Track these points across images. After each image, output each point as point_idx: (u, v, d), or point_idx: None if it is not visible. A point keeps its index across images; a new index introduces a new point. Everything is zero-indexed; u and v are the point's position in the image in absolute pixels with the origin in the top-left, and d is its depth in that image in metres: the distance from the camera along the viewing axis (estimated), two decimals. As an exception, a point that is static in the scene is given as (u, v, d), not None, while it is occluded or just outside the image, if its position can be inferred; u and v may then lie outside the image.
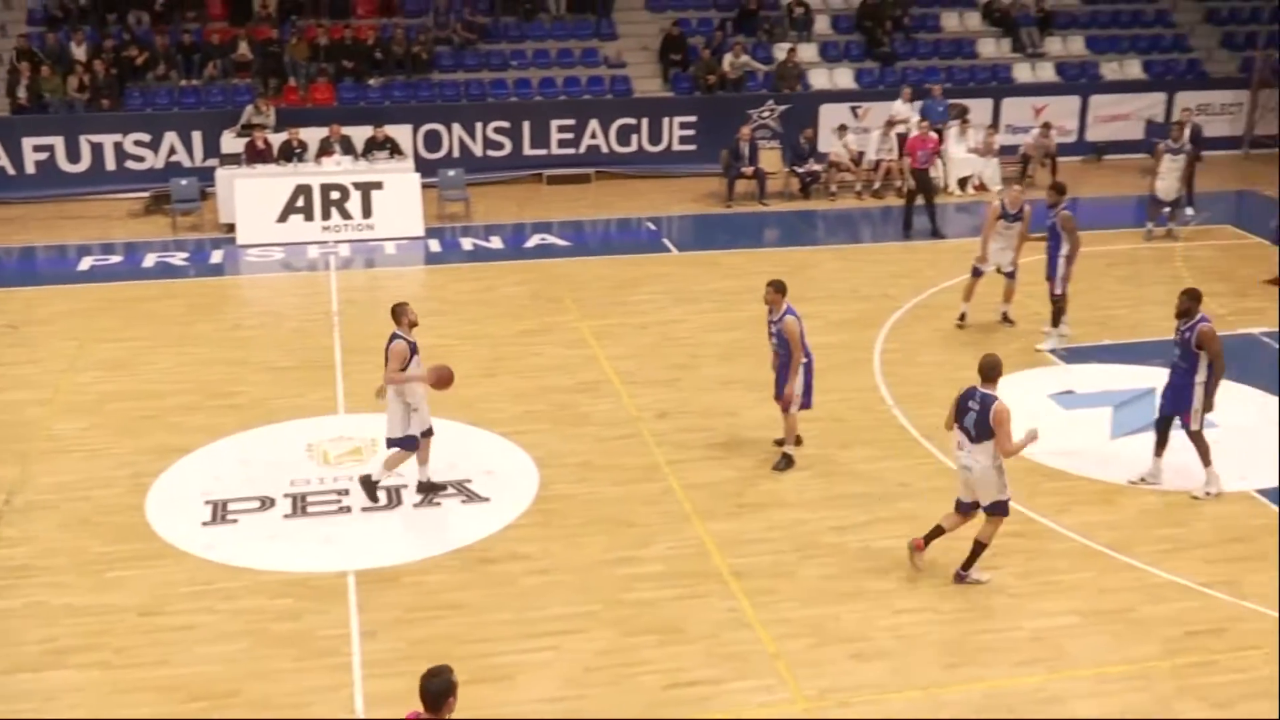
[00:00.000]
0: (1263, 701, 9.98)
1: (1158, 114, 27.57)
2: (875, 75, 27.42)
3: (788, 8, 27.98)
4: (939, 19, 28.87)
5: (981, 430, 11.23)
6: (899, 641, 10.71)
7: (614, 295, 19.07)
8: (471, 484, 13.19)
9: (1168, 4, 30.18)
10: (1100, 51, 28.75)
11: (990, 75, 27.79)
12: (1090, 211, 24.00)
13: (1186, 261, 20.65)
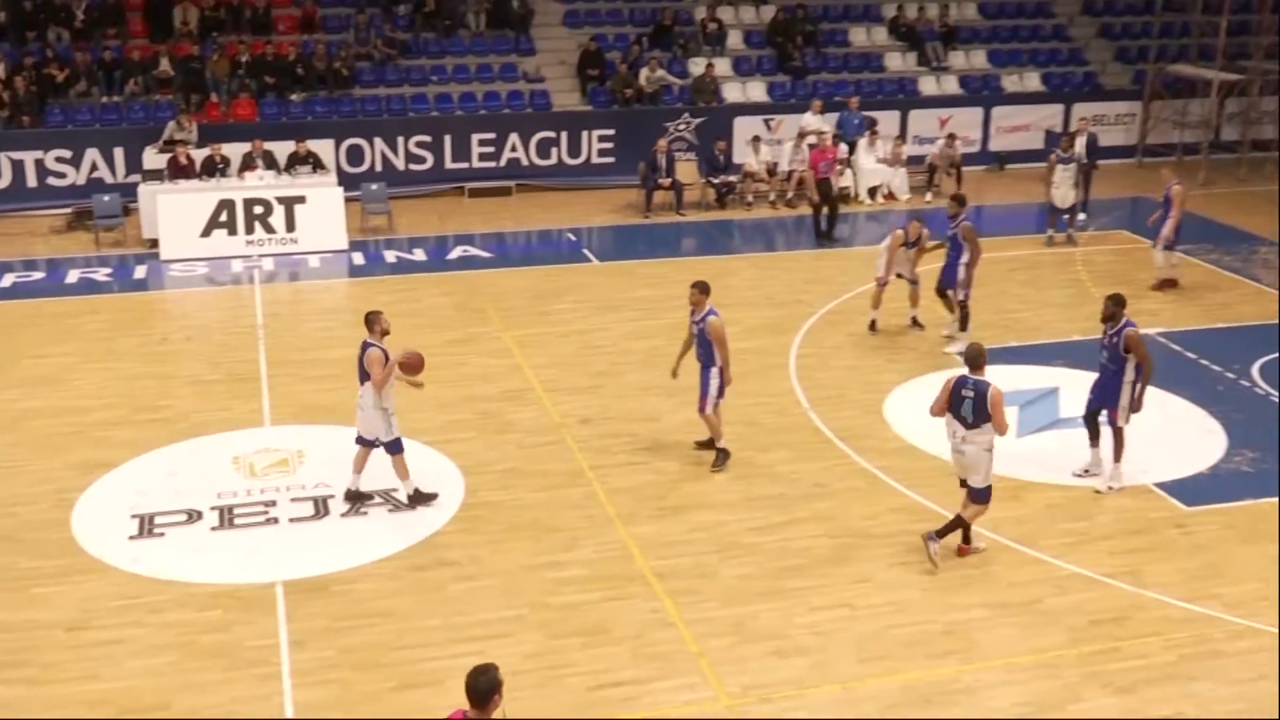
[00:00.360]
0: (1163, 686, 10.18)
1: (1056, 124, 28.01)
2: (787, 88, 27.62)
3: (701, 23, 28.11)
4: (847, 34, 29.15)
5: (980, 415, 11.55)
6: (817, 638, 10.79)
7: (536, 305, 19.03)
8: (398, 493, 13.07)
9: (1064, 19, 30.71)
10: (1001, 65, 29.17)
11: (897, 88, 28.10)
12: (993, 219, 24.35)
13: (1085, 266, 21.01)
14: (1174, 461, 13.97)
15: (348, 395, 15.50)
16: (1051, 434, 14.64)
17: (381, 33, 26.46)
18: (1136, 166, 27.84)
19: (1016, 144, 28.03)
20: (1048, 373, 16.15)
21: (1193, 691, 10.14)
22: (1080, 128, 24.00)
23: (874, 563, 11.95)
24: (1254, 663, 10.53)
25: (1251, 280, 20.34)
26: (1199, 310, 18.67)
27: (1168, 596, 11.44)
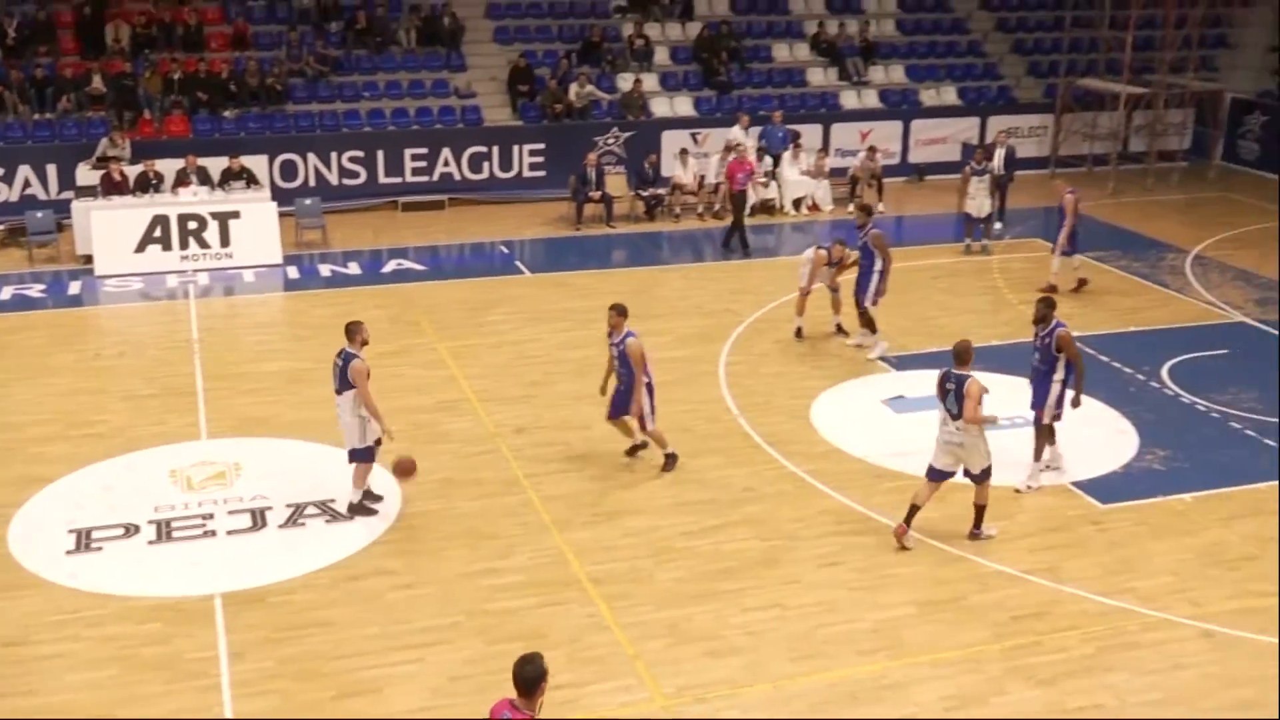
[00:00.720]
0: (1082, 678, 10.33)
1: (972, 137, 28.35)
2: (713, 103, 27.73)
3: (629, 40, 28.16)
4: (771, 50, 29.32)
5: (961, 405, 11.84)
6: (749, 638, 10.83)
7: (470, 317, 18.95)
8: (335, 503, 12.96)
9: (979, 35, 31.11)
10: (919, 80, 29.49)
11: (819, 102, 28.31)
12: (913, 229, 24.66)
13: (1002, 273, 21.28)
14: (1089, 461, 14.18)
15: (284, 408, 15.46)
16: (972, 436, 14.78)
17: (314, 49, 26.23)
18: (1049, 177, 28.24)
19: (935, 156, 28.34)
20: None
21: (1110, 682, 10.30)
22: (999, 140, 24.33)
23: (803, 564, 12.02)
24: (1167, 653, 10.72)
25: (1159, 286, 20.70)
26: (1110, 315, 18.99)
27: (1085, 591, 11.61)
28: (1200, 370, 16.89)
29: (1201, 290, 20.45)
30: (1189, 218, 25.12)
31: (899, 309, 18.00)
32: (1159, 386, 16.38)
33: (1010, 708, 10.00)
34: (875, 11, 30.57)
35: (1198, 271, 21.50)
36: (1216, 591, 11.63)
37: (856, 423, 15.20)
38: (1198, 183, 28.10)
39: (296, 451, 14.27)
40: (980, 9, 31.70)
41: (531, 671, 7.12)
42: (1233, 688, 10.26)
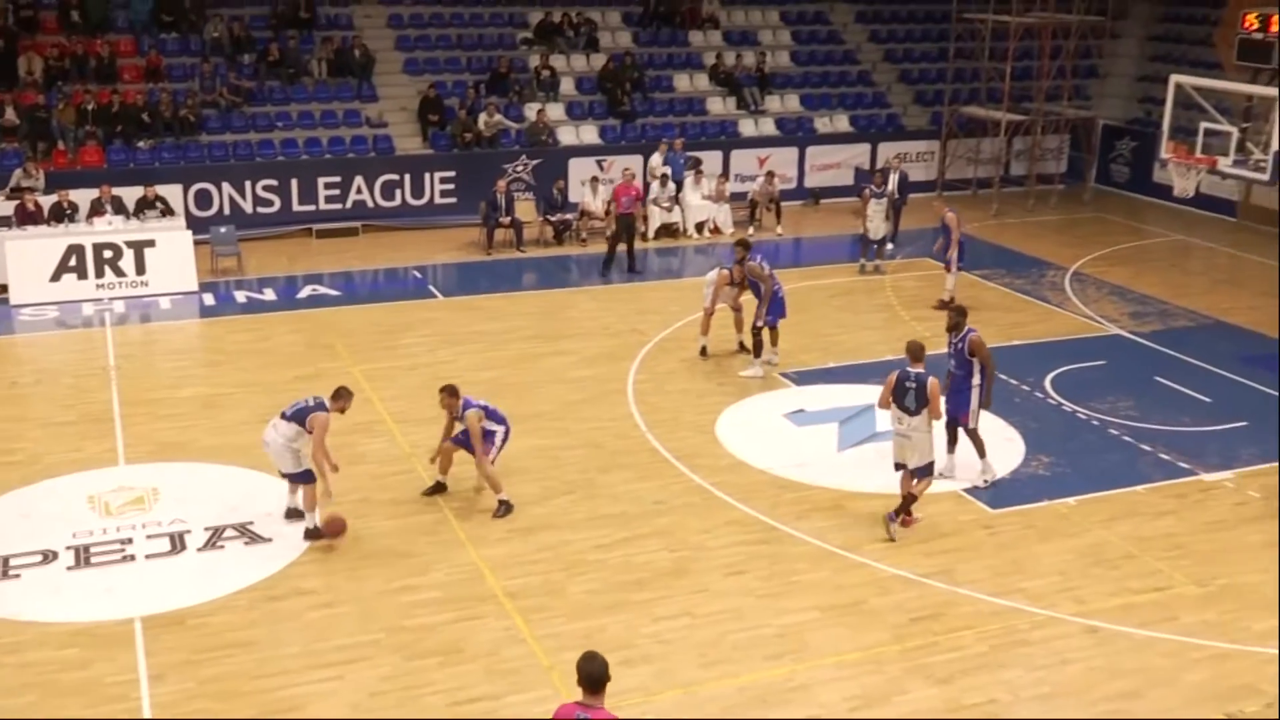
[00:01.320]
0: (977, 675, 10.46)
1: (864, 162, 28.74)
2: (617, 131, 27.80)
3: (535, 71, 28.14)
4: (672, 80, 29.48)
5: (921, 402, 12.41)
6: (660, 646, 10.82)
7: (384, 340, 18.76)
8: (254, 525, 12.73)
9: (868, 66, 31.56)
10: (813, 108, 29.82)
11: (719, 130, 28.51)
12: (810, 249, 24.90)
13: (895, 291, 21.57)
14: (979, 468, 14.38)
15: (201, 433, 15.17)
16: (870, 446, 14.95)
17: (227, 81, 25.85)
18: (936, 199, 28.66)
19: (829, 180, 28.68)
20: (864, 390, 16.48)
21: (1004, 679, 10.45)
22: (893, 165, 24.67)
23: (711, 573, 12.04)
24: (1056, 649, 10.91)
25: (1041, 301, 21.12)
26: (995, 329, 19.26)
27: (978, 592, 11.77)
28: (1080, 380, 17.25)
29: (1080, 305, 20.91)
30: (1067, 237, 25.68)
31: (797, 326, 18.15)
32: (1043, 396, 16.69)
33: (911, 706, 10.10)
34: (770, 44, 30.90)
35: (1076, 287, 21.98)
36: (1099, 589, 11.87)
37: (759, 436, 15.29)
38: (1074, 204, 28.75)
39: (214, 475, 13.99)
40: (869, 41, 32.19)
41: (598, 668, 6.99)
42: (1116, 680, 10.47)
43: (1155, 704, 10.15)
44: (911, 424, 12.54)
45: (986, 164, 29.14)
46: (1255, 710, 10.09)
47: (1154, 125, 26.08)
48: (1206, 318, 20.36)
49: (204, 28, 26.82)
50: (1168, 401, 16.55)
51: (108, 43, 25.91)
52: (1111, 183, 30.11)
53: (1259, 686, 10.39)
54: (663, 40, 30.26)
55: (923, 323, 19.37)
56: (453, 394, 13.11)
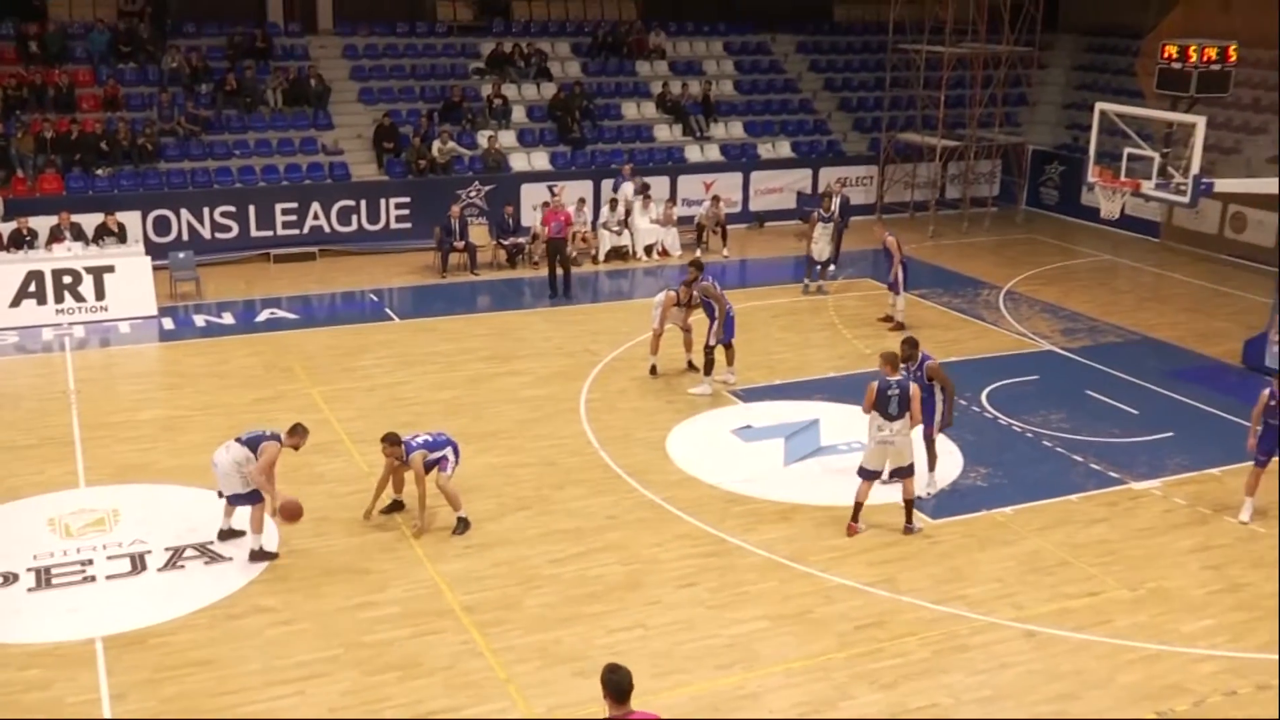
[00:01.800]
0: (920, 680, 10.51)
1: (806, 187, 28.91)
2: (568, 157, 27.81)
3: (488, 100, 28.10)
4: (620, 108, 29.56)
5: (903, 407, 12.70)
6: (615, 657, 10.61)
7: (342, 362, 18.62)
8: (213, 545, 12.57)
9: (809, 95, 31.79)
10: (756, 135, 29.99)
11: (666, 156, 28.59)
12: (755, 271, 25.01)
13: (837, 311, 21.68)
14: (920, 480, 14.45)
15: (161, 454, 14.97)
16: (815, 460, 15.02)
17: (185, 110, 25.62)
18: (876, 222, 28.92)
19: (773, 204, 28.82)
20: (809, 406, 16.58)
21: (946, 683, 10.50)
22: (835, 190, 24.85)
23: (663, 586, 12.03)
24: (996, 653, 10.98)
25: (976, 319, 21.32)
26: (933, 346, 19.21)
27: (920, 600, 11.84)
28: (1015, 395, 17.42)
29: (1013, 322, 21.13)
30: (1000, 257, 25.96)
31: (744, 345, 18.18)
32: (979, 410, 16.83)
33: (857, 710, 10.12)
34: (715, 73, 31.07)
35: (1009, 305, 22.22)
36: (1036, 595, 11.97)
37: (708, 452, 15.31)
38: (1006, 226, 29.08)
39: (174, 496, 13.81)
40: (809, 71, 32.45)
41: (623, 678, 7.11)
42: (1053, 682, 10.56)
43: (1091, 705, 10.24)
44: (894, 429, 12.76)
45: (923, 188, 29.42)
46: (1185, 709, 10.21)
47: (1081, 150, 26.46)
48: (1133, 333, 20.64)
49: (162, 58, 26.58)
50: (1098, 414, 16.75)
51: (66, 73, 25.63)
52: (1041, 205, 30.49)
53: (1188, 686, 10.51)
54: (611, 70, 30.34)
55: (864, 340, 19.52)
56: (394, 442, 12.94)
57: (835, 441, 15.45)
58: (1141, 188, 17.93)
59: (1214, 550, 12.96)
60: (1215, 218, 26.06)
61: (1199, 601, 11.93)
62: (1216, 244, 26.09)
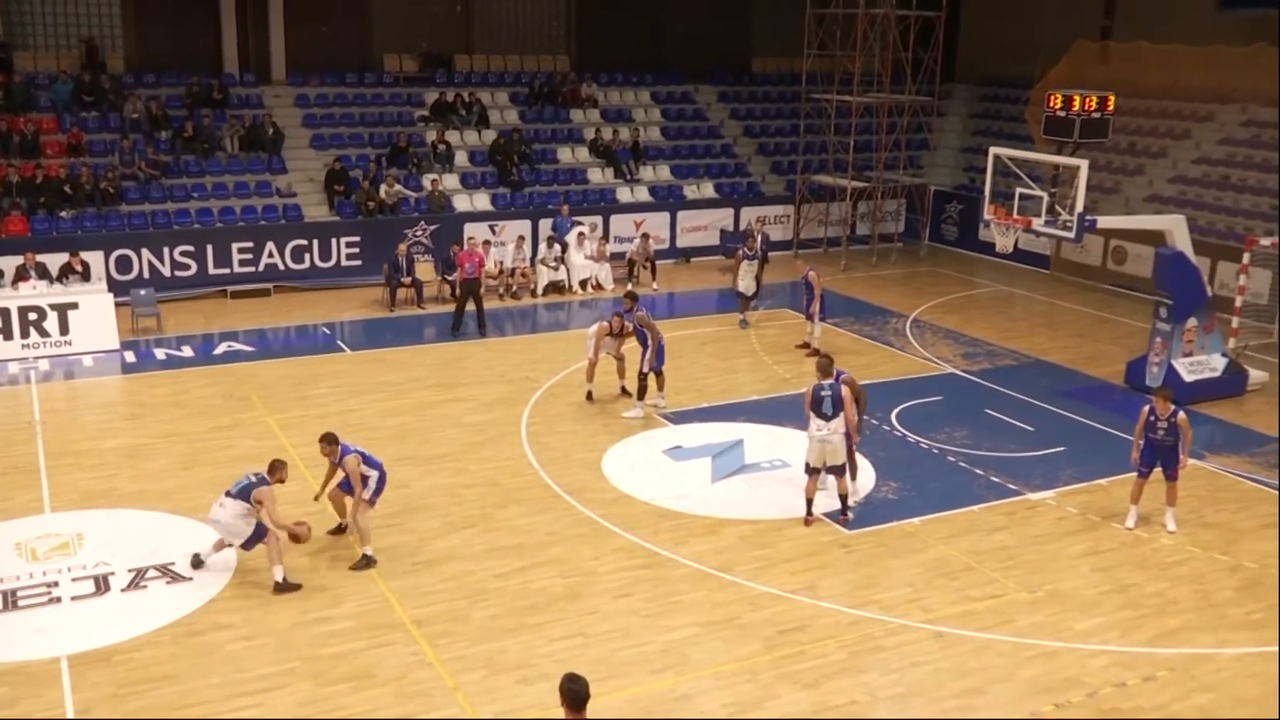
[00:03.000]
0: (839, 679, 10.56)
1: (728, 225, 29.12)
2: (508, 199, 27.77)
3: (432, 145, 28.00)
4: (556, 153, 29.59)
5: (837, 407, 13.35)
6: (556, 664, 10.71)
7: (296, 391, 18.38)
8: (175, 566, 12.33)
9: (730, 140, 32.05)
10: (682, 177, 30.18)
11: (599, 197, 28.65)
12: (682, 302, 25.10)
13: (759, 338, 21.82)
14: (836, 494, 14.56)
15: (124, 480, 14.67)
16: (739, 478, 15.07)
17: (145, 156, 25.24)
18: (793, 257, 29.23)
19: (698, 241, 28.98)
20: (734, 427, 16.65)
21: (863, 681, 10.57)
22: (756, 228, 25.01)
23: (601, 597, 11.99)
24: (908, 653, 11.06)
25: (886, 345, 21.56)
26: (848, 370, 19.56)
27: (838, 605, 11.90)
28: (921, 414, 17.62)
29: (919, 348, 21.39)
30: (906, 288, 26.30)
31: (673, 372, 18.23)
32: (890, 429, 17.00)
33: (781, 709, 10.15)
34: (643, 120, 31.24)
35: (915, 332, 22.50)
36: (943, 598, 12.09)
37: (642, 471, 15.31)
38: (911, 260, 29.47)
39: (137, 520, 13.52)
40: (730, 118, 32.73)
41: (582, 688, 7.32)
42: (960, 679, 10.66)
43: (994, 699, 10.35)
44: (830, 427, 13.33)
45: (835, 225, 29.74)
46: (1079, 700, 10.36)
47: (977, 190, 26.90)
48: (1027, 357, 20.99)
49: (124, 107, 26.19)
50: (997, 431, 16.99)
51: (31, 121, 25.15)
52: (943, 240, 30.94)
53: (1082, 679, 10.67)
54: (547, 117, 30.39)
55: (784, 366, 19.67)
56: (331, 441, 12.79)
57: (759, 460, 15.53)
58: (1032, 224, 18.25)
59: (1103, 554, 13.19)
60: (1099, 251, 26.63)
61: (1090, 601, 12.12)
62: (1100, 275, 26.64)
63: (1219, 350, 19.00)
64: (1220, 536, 13.69)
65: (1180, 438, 13.60)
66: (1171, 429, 13.58)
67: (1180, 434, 13.59)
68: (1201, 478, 15.41)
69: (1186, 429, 13.61)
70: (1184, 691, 10.51)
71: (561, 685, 7.36)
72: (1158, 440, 13.65)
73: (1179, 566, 12.92)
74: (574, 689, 7.32)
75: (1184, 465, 13.79)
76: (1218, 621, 11.75)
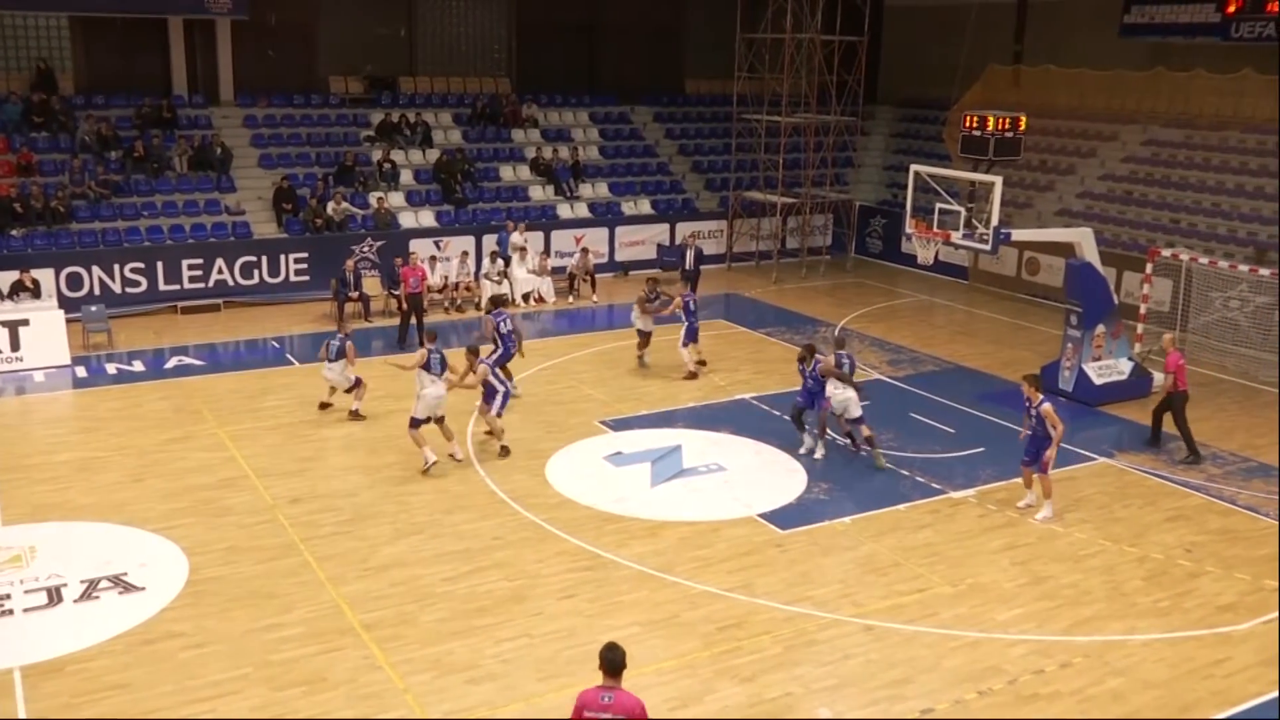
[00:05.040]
0: (776, 673, 10.60)
1: (664, 239, 29.20)
2: (452, 215, 27.60)
3: (378, 164, 27.76)
4: (498, 171, 29.47)
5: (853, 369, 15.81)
6: (503, 665, 10.66)
7: (247, 404, 18.10)
8: (127, 576, 12.08)
9: (666, 158, 32.14)
10: (620, 194, 30.20)
11: (540, 213, 28.56)
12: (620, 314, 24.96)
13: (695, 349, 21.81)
14: (770, 496, 14.66)
15: (76, 493, 14.36)
16: (679, 481, 15.08)
17: (95, 175, 24.75)
18: (727, 270, 29.37)
19: (635, 255, 28.98)
20: (673, 433, 16.68)
21: (797, 674, 10.62)
22: (688, 242, 25.03)
23: (546, 598, 11.94)
24: (840, 646, 11.14)
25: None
26: (779, 378, 19.71)
27: (773, 602, 11.96)
28: (850, 419, 17.74)
29: (847, 355, 21.53)
30: (834, 299, 26.53)
31: (612, 380, 18.24)
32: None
33: (720, 703, 10.17)
34: (582, 140, 31.22)
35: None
36: (872, 593, 12.19)
37: (583, 477, 15.28)
38: (839, 272, 29.73)
39: (89, 532, 13.23)
40: (665, 138, 32.83)
41: (619, 655, 7.51)
42: (889, 670, 10.75)
43: (922, 687, 10.45)
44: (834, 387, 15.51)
45: (767, 239, 29.92)
46: (1001, 687, 10.49)
47: (899, 206, 27.27)
48: (949, 363, 21.26)
49: (75, 128, 25.66)
50: (921, 433, 17.18)
51: (-20, 141, 24.58)
52: (868, 253, 31.25)
53: (1003, 667, 10.82)
54: (489, 137, 30.28)
55: (720, 374, 19.73)
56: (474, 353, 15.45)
57: (696, 464, 15.56)
58: (951, 238, 18.50)
59: (1021, 548, 13.39)
60: (1013, 263, 27.07)
61: (1010, 593, 12.30)
62: (1015, 285, 27.09)
63: (1125, 355, 19.39)
64: (1129, 530, 13.96)
65: (1046, 429, 13.70)
66: (1039, 419, 13.74)
67: (1044, 425, 13.70)
68: (1111, 475, 15.72)
69: (1054, 422, 13.69)
70: (1098, 677, 10.69)
71: (601, 654, 7.59)
72: (1030, 428, 13.85)
73: (1091, 559, 13.15)
74: (611, 657, 7.53)
75: (1048, 459, 13.85)
76: (1127, 610, 11.98)
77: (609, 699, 7.46)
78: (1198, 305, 21.62)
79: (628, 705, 7.48)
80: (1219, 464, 16.28)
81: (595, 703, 7.47)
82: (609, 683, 7.48)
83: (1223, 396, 19.50)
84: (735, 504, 14.29)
